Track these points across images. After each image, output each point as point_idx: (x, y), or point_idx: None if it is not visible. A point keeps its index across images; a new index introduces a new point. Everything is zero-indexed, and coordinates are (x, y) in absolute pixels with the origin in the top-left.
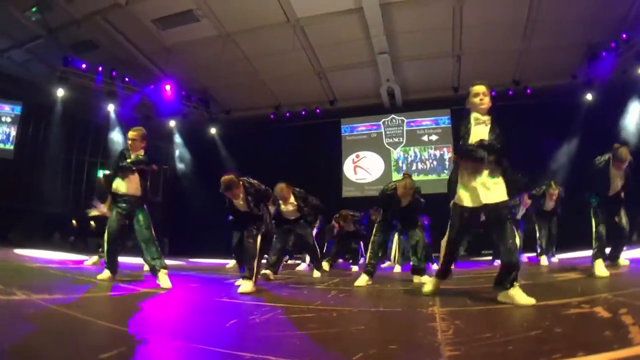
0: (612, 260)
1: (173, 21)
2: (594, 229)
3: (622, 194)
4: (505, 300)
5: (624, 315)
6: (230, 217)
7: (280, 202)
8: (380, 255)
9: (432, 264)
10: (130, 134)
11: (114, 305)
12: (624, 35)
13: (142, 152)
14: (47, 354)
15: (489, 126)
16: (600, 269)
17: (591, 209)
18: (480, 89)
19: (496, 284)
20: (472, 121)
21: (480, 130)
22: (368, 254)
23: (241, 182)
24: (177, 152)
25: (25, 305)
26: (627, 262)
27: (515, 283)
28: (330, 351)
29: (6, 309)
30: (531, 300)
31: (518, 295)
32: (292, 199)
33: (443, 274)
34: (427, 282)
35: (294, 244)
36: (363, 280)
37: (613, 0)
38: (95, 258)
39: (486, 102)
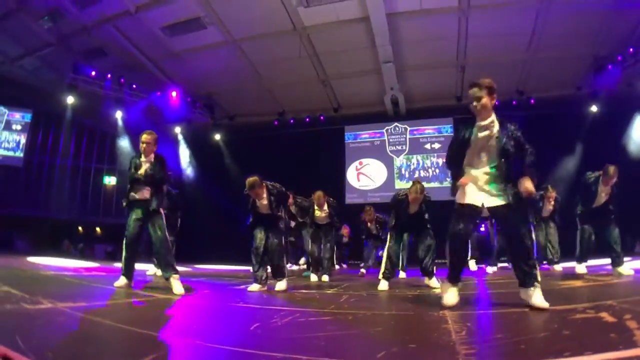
0: (614, 267)
1: (181, 28)
2: (578, 235)
3: (610, 207)
4: (524, 298)
5: (628, 320)
6: (251, 219)
7: (316, 207)
8: (395, 262)
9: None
10: (144, 137)
11: (139, 312)
12: (631, 50)
13: (152, 157)
14: None
15: (495, 131)
16: (580, 269)
17: (577, 217)
18: (472, 92)
19: (520, 284)
20: (475, 130)
21: (483, 138)
22: (384, 261)
23: (264, 184)
24: (182, 158)
25: (55, 314)
26: (631, 272)
27: (536, 283)
28: (355, 350)
29: (38, 318)
30: (545, 304)
31: (536, 295)
32: (326, 207)
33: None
34: (447, 294)
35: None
36: (384, 285)
37: (621, 14)
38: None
39: (482, 104)
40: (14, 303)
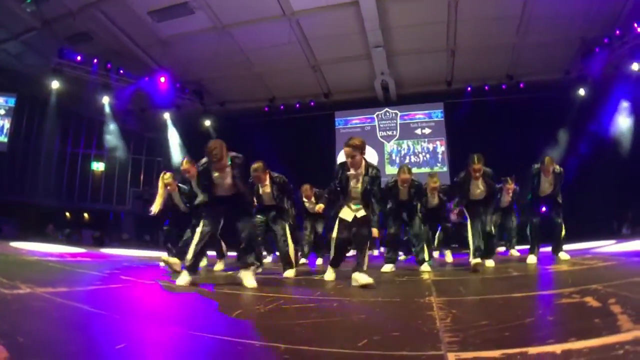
0: (554, 254)
1: (168, 13)
2: (528, 229)
3: (558, 198)
4: None
5: (612, 305)
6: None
7: (305, 200)
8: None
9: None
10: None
11: (119, 297)
12: (617, 32)
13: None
14: (62, 347)
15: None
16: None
17: (529, 205)
18: (347, 151)
19: None
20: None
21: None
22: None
23: (268, 171)
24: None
25: (32, 299)
26: (567, 257)
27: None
28: (336, 338)
29: (14, 303)
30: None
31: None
32: (313, 199)
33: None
34: (327, 273)
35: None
36: (388, 267)
37: None
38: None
39: (355, 160)
40: None
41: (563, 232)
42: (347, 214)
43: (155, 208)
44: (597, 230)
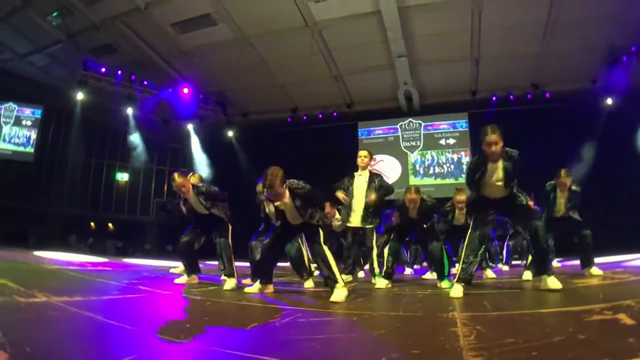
0: (583, 268)
1: (191, 25)
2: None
3: (575, 215)
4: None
5: None
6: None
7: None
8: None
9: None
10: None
11: (135, 308)
12: None
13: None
14: (67, 357)
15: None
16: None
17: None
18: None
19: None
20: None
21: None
22: (387, 258)
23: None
24: (194, 155)
25: (47, 308)
26: (599, 272)
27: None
28: (352, 355)
29: (28, 311)
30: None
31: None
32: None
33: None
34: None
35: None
36: (383, 283)
37: (634, 4)
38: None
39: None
40: (6, 296)
41: (590, 243)
42: None
43: None
44: (628, 243)
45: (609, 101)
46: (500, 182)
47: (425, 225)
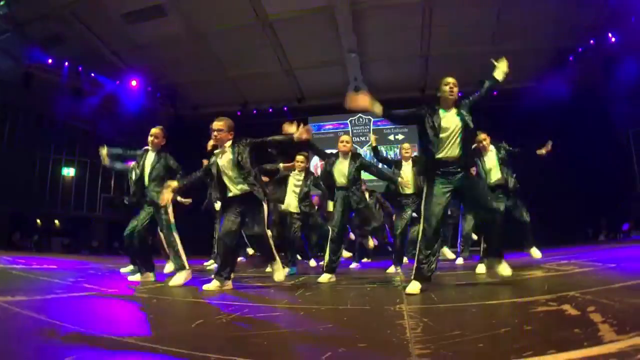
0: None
1: (141, 15)
2: None
3: (511, 184)
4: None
5: (592, 313)
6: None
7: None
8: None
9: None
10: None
11: (78, 307)
12: (592, 41)
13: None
14: (6, 358)
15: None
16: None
17: None
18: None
19: None
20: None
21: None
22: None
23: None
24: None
25: None
26: (539, 254)
27: None
28: (299, 351)
29: None
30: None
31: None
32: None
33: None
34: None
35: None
36: (326, 277)
37: (581, 7)
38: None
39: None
40: None
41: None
42: None
43: None
44: (573, 237)
45: (554, 101)
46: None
47: None
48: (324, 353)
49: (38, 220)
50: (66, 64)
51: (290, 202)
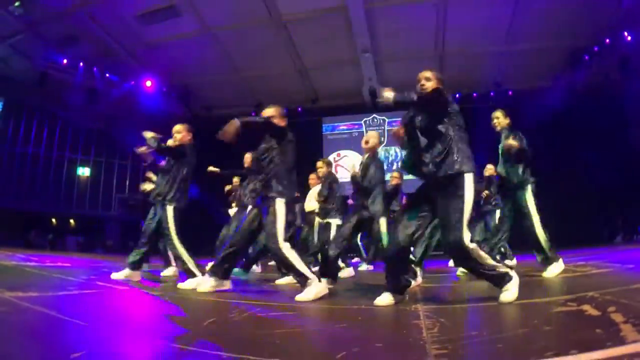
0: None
1: (156, 17)
2: None
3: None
4: None
5: (613, 313)
6: None
7: None
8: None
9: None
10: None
11: (91, 303)
12: (607, 40)
13: None
14: (18, 353)
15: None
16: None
17: None
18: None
19: None
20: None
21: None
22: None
23: None
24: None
25: None
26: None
27: None
28: (313, 350)
29: None
30: None
31: None
32: None
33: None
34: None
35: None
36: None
37: (596, 6)
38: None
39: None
40: None
41: None
42: None
43: None
44: (589, 238)
45: (570, 100)
46: None
47: None
48: (338, 352)
49: (53, 219)
50: (81, 64)
51: None
